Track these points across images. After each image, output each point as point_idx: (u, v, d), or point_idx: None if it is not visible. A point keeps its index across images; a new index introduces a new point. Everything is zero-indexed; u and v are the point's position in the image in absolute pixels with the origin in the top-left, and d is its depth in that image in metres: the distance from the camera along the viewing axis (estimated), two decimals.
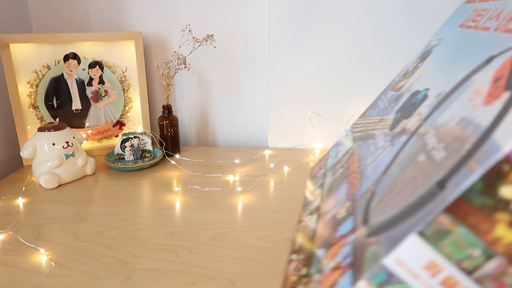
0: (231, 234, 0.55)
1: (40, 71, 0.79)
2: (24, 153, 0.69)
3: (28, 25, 0.89)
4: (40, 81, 0.79)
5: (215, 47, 0.88)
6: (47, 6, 0.89)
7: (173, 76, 0.83)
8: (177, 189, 0.69)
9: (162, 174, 0.75)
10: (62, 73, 0.81)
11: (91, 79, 0.83)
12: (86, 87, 0.83)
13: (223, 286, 0.44)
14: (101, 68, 0.83)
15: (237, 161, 0.82)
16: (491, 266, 0.26)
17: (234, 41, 0.88)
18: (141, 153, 0.81)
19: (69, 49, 0.80)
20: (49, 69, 0.80)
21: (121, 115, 0.88)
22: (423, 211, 0.26)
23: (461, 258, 0.26)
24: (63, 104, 0.82)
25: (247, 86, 0.92)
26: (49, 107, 0.81)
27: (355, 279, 0.28)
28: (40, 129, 0.70)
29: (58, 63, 0.80)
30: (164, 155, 0.84)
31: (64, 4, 0.89)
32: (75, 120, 0.84)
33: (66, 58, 0.80)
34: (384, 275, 0.27)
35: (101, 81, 0.84)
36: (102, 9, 0.89)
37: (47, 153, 0.69)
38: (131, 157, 0.80)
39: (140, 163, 0.77)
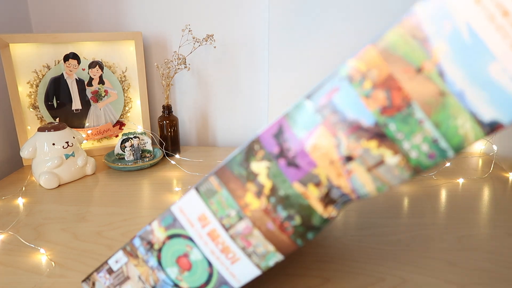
0: None
1: (40, 71, 0.79)
2: (24, 153, 0.69)
3: (28, 25, 0.89)
4: (40, 81, 0.79)
5: (215, 47, 0.88)
6: (47, 6, 0.89)
7: (173, 76, 0.83)
8: (177, 189, 0.69)
9: (162, 174, 0.75)
10: (62, 73, 0.81)
11: (91, 79, 0.83)
12: (86, 87, 0.83)
13: None
14: (101, 68, 0.83)
15: None
16: (242, 226, 0.31)
17: (234, 41, 0.88)
18: (141, 153, 0.81)
19: (69, 49, 0.80)
20: (49, 69, 0.80)
21: (121, 115, 0.88)
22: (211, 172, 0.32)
23: (222, 216, 0.31)
24: (63, 104, 0.82)
25: (247, 86, 0.92)
26: (49, 107, 0.81)
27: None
28: (40, 129, 0.70)
29: (58, 63, 0.80)
30: (164, 155, 0.84)
31: (64, 4, 0.89)
32: (75, 120, 0.84)
33: (66, 58, 0.80)
34: (171, 219, 0.33)
35: (101, 81, 0.84)
36: (102, 9, 0.89)
37: (47, 153, 0.69)
38: (131, 157, 0.80)
39: (140, 163, 0.77)
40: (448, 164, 0.75)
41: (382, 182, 0.28)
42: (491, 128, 0.25)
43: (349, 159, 0.28)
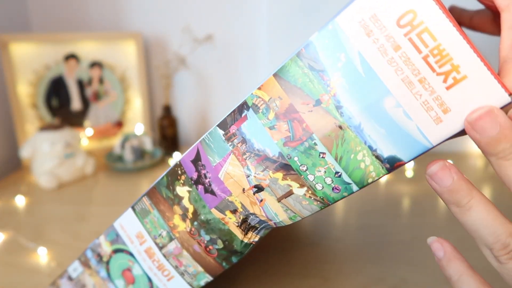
0: None
1: (40, 71, 0.79)
2: (24, 153, 0.69)
3: (28, 25, 0.89)
4: (40, 81, 0.79)
5: (215, 47, 0.88)
6: (47, 5, 0.89)
7: (173, 76, 0.83)
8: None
9: None
10: (62, 73, 0.81)
11: (91, 79, 0.83)
12: (86, 87, 0.83)
13: None
14: (101, 68, 0.83)
15: None
16: (172, 246, 0.32)
17: (234, 41, 0.88)
18: (141, 153, 0.81)
19: (69, 49, 0.80)
20: (49, 69, 0.80)
21: (121, 115, 0.88)
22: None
23: (156, 235, 0.32)
24: (63, 104, 0.82)
25: (247, 86, 0.92)
26: (49, 107, 0.81)
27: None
28: (40, 129, 0.70)
29: (58, 63, 0.80)
30: (164, 155, 0.84)
31: (64, 3, 0.89)
32: (75, 120, 0.84)
33: (66, 58, 0.80)
34: (114, 234, 0.34)
35: (101, 81, 0.84)
36: (102, 8, 0.89)
37: (46, 153, 0.69)
38: (131, 157, 0.80)
39: (140, 163, 0.77)
40: None
41: (293, 212, 0.28)
42: (391, 164, 0.24)
43: (259, 188, 0.28)
